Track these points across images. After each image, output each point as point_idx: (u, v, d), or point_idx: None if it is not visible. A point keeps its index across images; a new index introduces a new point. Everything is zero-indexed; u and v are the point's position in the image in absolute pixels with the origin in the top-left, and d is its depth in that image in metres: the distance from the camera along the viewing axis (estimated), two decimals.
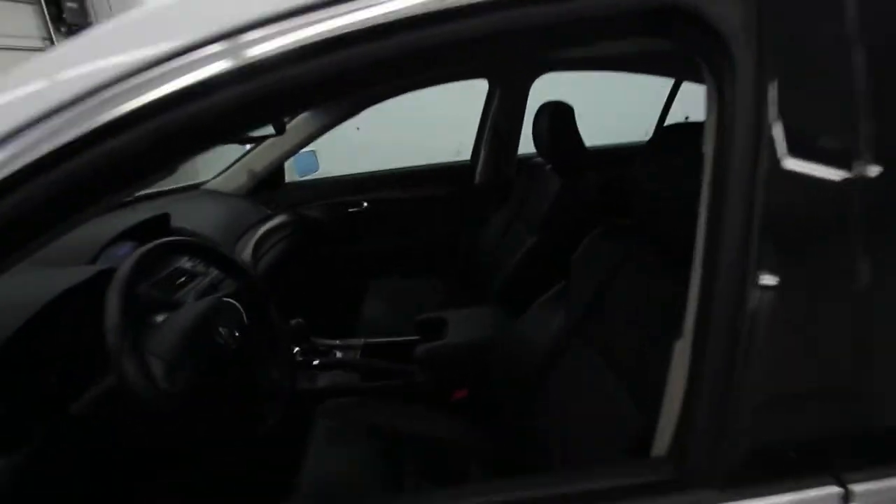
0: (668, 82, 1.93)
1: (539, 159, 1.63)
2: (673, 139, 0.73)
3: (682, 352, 0.45)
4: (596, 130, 1.70)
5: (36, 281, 0.76)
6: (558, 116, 1.35)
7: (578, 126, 1.40)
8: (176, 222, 1.29)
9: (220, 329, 0.76)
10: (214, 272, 0.97)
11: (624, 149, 2.03)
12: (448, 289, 1.87)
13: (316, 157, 2.05)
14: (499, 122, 1.83)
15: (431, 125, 3.10)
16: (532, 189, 1.58)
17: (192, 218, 1.35)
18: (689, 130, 0.66)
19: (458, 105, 2.21)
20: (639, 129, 2.24)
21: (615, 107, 2.88)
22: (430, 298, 1.75)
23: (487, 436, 1.09)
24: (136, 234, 1.17)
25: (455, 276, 2.03)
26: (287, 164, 1.93)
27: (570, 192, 1.36)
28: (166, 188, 1.65)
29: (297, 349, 1.25)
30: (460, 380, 1.14)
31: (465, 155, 2.07)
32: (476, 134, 1.96)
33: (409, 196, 1.99)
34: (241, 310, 0.85)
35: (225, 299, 0.84)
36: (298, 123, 1.72)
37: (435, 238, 2.04)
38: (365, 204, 1.97)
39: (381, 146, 2.83)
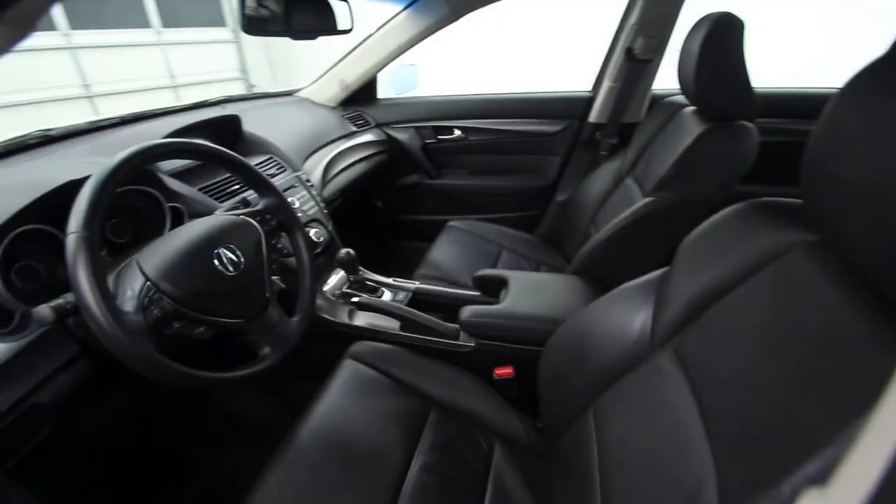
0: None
1: (680, 97, 1.23)
2: None
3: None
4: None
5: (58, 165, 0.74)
6: (722, 34, 0.95)
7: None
8: (248, 127, 1.23)
9: (222, 250, 0.67)
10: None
11: (807, 98, 1.47)
12: (531, 242, 1.63)
13: (415, 72, 1.86)
14: (635, 41, 1.41)
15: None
16: (661, 136, 1.21)
17: (266, 125, 1.29)
18: None
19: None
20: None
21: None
22: (513, 250, 1.54)
23: (524, 426, 0.92)
24: (205, 131, 1.14)
25: (548, 230, 1.78)
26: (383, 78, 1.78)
27: (714, 144, 0.99)
28: (259, 92, 1.63)
29: (344, 281, 1.18)
30: (506, 355, 0.96)
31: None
32: (604, 58, 1.56)
33: (509, 128, 1.72)
34: (260, 232, 0.76)
35: (243, 218, 0.75)
36: (394, 27, 1.52)
37: (529, 181, 1.77)
38: (458, 132, 1.76)
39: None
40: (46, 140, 0.97)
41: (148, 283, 0.59)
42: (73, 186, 0.60)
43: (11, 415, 0.56)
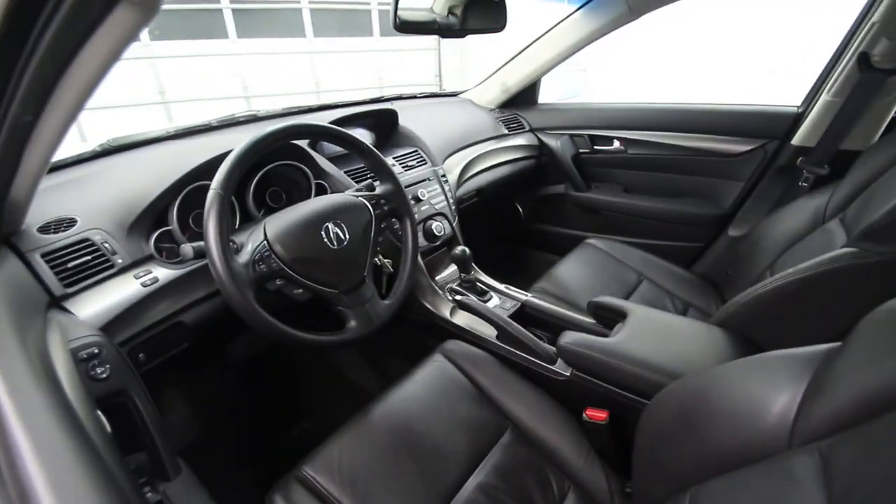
0: None
1: None
2: None
3: None
4: None
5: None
6: None
7: None
8: (403, 121, 1.33)
9: (331, 225, 0.73)
10: None
11: None
12: (684, 278, 1.39)
13: (585, 76, 1.76)
14: (875, 46, 1.06)
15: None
16: (893, 171, 0.89)
17: (421, 121, 1.37)
18: None
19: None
20: None
21: None
22: (656, 283, 1.33)
23: (609, 484, 0.79)
24: (366, 121, 1.28)
25: (710, 267, 1.49)
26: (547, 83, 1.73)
27: None
28: (428, 92, 1.75)
29: (456, 277, 1.19)
30: (603, 397, 0.83)
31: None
32: (825, 66, 1.21)
33: (681, 144, 1.48)
34: (372, 214, 0.81)
35: (359, 199, 0.81)
36: (564, 28, 1.45)
37: (697, 208, 1.50)
38: (617, 143, 1.60)
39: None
40: (253, 119, 1.22)
41: (264, 241, 0.68)
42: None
43: (161, 326, 0.72)
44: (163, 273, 0.75)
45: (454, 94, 1.82)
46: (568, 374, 0.89)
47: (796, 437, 0.49)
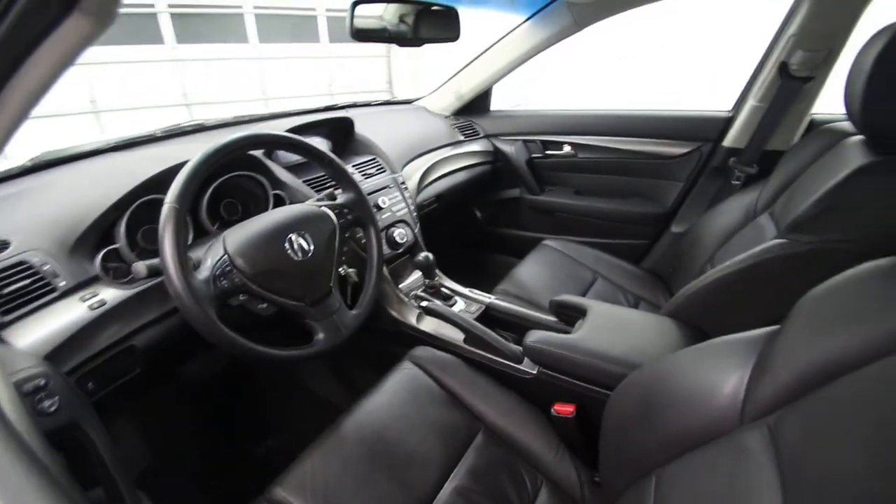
0: None
1: (846, 123, 0.99)
2: None
3: None
4: None
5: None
6: None
7: None
8: (359, 129, 1.33)
9: (294, 236, 0.72)
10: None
11: None
12: (634, 274, 1.47)
13: (532, 86, 1.82)
14: (792, 56, 1.18)
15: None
16: (815, 168, 0.99)
17: (377, 129, 1.37)
18: None
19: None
20: None
21: None
22: (610, 280, 1.40)
23: (578, 475, 0.82)
24: (321, 129, 1.26)
25: (656, 263, 1.59)
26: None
27: (879, 181, 0.77)
28: (382, 100, 1.75)
29: (420, 283, 1.19)
30: (569, 391, 0.86)
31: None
32: (751, 74, 1.33)
33: (626, 147, 1.57)
34: (335, 224, 0.80)
35: (322, 209, 0.80)
36: (514, 38, 1.50)
37: (642, 207, 1.59)
38: (567, 147, 1.67)
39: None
40: (200, 128, 1.17)
41: (225, 256, 0.66)
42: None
43: (110, 351, 0.68)
44: (111, 294, 0.70)
45: (408, 102, 1.83)
46: (535, 371, 0.91)
47: (746, 414, 0.53)
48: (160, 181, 0.75)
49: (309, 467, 0.73)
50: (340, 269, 0.93)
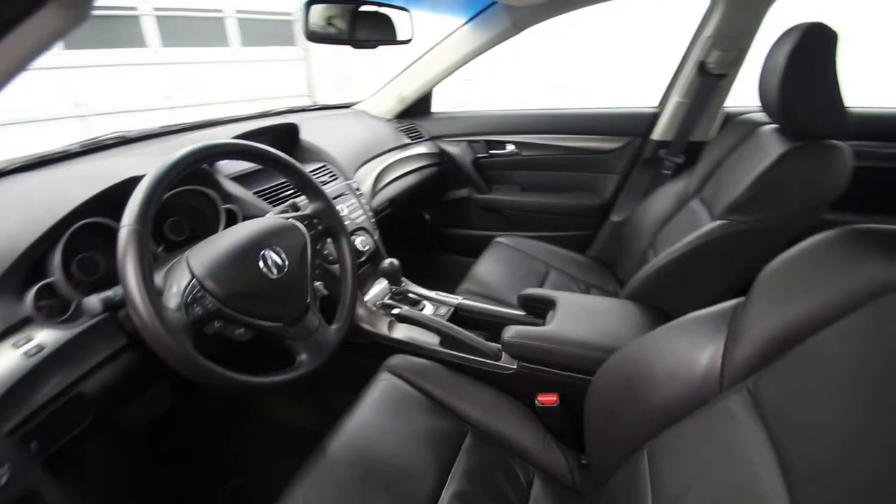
0: None
1: (757, 115, 1.12)
2: None
3: None
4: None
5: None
6: (811, 46, 0.86)
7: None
8: (305, 135, 1.27)
9: (268, 252, 0.67)
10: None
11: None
12: (582, 263, 1.55)
13: (470, 86, 1.86)
14: (709, 56, 1.32)
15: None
16: (735, 156, 1.11)
17: (322, 134, 1.32)
18: None
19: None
20: None
21: None
22: (561, 270, 1.46)
23: (567, 461, 0.85)
24: (266, 137, 1.19)
25: (600, 251, 1.69)
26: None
27: (798, 164, 0.88)
28: (319, 104, 1.68)
29: (386, 291, 1.16)
30: (551, 382, 0.89)
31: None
32: (673, 73, 1.47)
33: (564, 144, 1.66)
34: (306, 236, 0.75)
35: (290, 221, 0.75)
36: (453, 41, 1.52)
37: (583, 200, 1.69)
38: (511, 147, 1.72)
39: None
40: (122, 141, 1.04)
41: (194, 280, 0.59)
42: (134, 182, 0.62)
43: (56, 403, 0.58)
44: (49, 337, 0.60)
45: (347, 106, 1.78)
46: (515, 366, 0.93)
47: (725, 381, 0.58)
48: (100, 203, 0.65)
49: (301, 498, 0.69)
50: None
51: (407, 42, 1.20)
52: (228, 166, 1.05)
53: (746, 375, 0.56)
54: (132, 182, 0.64)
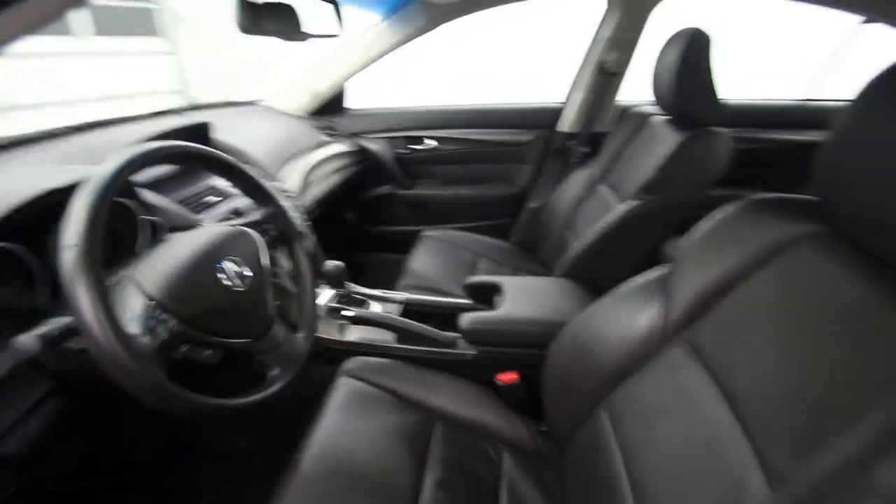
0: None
1: (646, 107, 1.30)
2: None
3: None
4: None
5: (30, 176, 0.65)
6: (692, 49, 1.02)
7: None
8: (219, 135, 1.16)
9: (226, 263, 0.61)
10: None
11: (767, 110, 1.62)
12: (506, 249, 1.65)
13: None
14: (606, 56, 1.48)
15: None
16: (633, 144, 1.27)
17: (237, 133, 1.21)
18: None
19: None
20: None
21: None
22: (489, 257, 1.54)
23: (529, 431, 0.91)
24: (176, 137, 1.06)
25: (521, 236, 1.81)
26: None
27: (694, 150, 1.05)
28: (223, 101, 1.54)
29: (330, 295, 1.12)
30: (509, 361, 0.95)
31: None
32: (577, 71, 1.62)
33: (480, 138, 1.74)
34: (258, 243, 0.70)
35: (240, 228, 0.69)
36: (369, 36, 1.50)
37: (501, 189, 1.79)
38: (430, 142, 1.75)
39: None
40: None
41: (152, 302, 0.52)
42: (53, 197, 0.52)
43: None
44: None
45: (251, 103, 1.66)
46: (474, 352, 0.97)
47: (666, 335, 0.68)
48: (7, 224, 0.54)
49: None
50: None
51: (334, 36, 1.16)
52: (140, 174, 0.92)
53: (684, 328, 0.66)
54: (50, 197, 0.53)
